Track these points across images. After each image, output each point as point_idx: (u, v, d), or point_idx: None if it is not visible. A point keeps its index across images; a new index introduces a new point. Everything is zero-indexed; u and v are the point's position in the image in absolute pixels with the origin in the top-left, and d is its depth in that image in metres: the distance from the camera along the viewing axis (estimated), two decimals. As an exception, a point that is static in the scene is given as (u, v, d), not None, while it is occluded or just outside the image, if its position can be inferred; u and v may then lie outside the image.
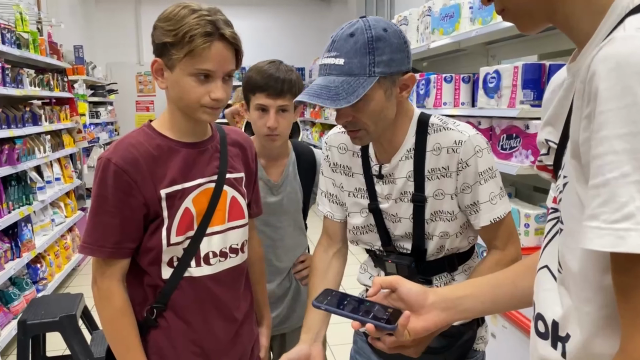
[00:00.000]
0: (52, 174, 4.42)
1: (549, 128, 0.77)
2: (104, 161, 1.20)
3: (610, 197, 0.51)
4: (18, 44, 3.84)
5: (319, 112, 7.63)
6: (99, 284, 1.25)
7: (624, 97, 0.50)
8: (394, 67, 1.14)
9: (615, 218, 0.50)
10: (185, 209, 1.25)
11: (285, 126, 1.66)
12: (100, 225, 1.21)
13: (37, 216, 4.06)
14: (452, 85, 2.96)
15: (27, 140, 3.85)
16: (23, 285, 3.56)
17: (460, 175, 1.22)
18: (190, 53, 1.14)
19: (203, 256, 1.29)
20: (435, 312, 0.89)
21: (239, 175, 1.38)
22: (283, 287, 1.81)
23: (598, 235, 0.52)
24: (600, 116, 0.52)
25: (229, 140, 1.38)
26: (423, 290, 0.91)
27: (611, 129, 0.51)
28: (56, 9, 6.77)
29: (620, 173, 0.50)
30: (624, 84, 0.50)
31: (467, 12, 2.98)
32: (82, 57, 6.64)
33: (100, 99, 7.46)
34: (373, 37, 1.11)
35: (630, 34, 0.53)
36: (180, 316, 1.29)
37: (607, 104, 0.51)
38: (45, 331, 2.50)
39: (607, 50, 0.53)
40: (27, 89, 3.93)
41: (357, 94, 1.09)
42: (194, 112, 1.22)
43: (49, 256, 4.13)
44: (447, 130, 1.23)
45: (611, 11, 0.62)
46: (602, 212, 0.52)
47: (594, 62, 0.54)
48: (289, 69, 1.65)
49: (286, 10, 9.53)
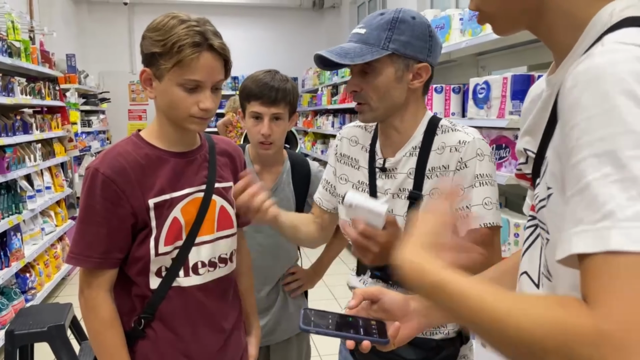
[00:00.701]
0: (43, 183, 4.39)
1: (527, 137, 0.79)
2: (92, 171, 1.19)
3: (592, 198, 0.51)
4: (9, 53, 3.83)
5: (311, 122, 7.65)
6: (85, 294, 1.24)
7: (602, 103, 0.52)
8: (409, 50, 1.20)
9: (597, 217, 0.50)
10: (174, 218, 1.25)
11: (279, 134, 1.68)
12: (87, 235, 1.21)
13: (26, 225, 4.03)
14: (442, 95, 2.99)
15: (18, 149, 3.83)
16: (12, 295, 3.52)
17: (457, 175, 1.22)
18: (178, 63, 1.14)
19: (192, 266, 1.28)
20: (417, 319, 0.91)
21: (228, 185, 1.38)
22: (271, 298, 1.81)
23: (581, 238, 0.50)
24: (581, 123, 0.53)
25: (217, 150, 1.38)
26: (404, 298, 0.92)
27: (591, 133, 0.52)
28: (49, 18, 6.78)
29: (602, 173, 0.50)
30: (602, 91, 0.52)
31: (458, 24, 3.02)
32: (75, 66, 6.64)
33: (93, 108, 7.45)
34: (398, 18, 1.19)
35: (607, 48, 0.55)
36: (168, 326, 1.28)
37: (588, 111, 0.53)
38: (34, 341, 2.47)
39: (586, 63, 0.55)
40: (18, 97, 3.92)
41: (364, 57, 1.17)
42: (183, 122, 1.22)
43: (38, 265, 4.10)
44: (454, 131, 1.25)
45: (591, 26, 0.64)
46: (584, 215, 0.51)
47: (574, 76, 0.56)
48: (284, 79, 1.68)
49: (279, 20, 9.58)
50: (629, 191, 0.48)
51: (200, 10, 7.26)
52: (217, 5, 9.10)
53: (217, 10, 9.17)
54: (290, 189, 1.81)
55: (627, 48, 0.54)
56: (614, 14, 0.62)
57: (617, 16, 0.62)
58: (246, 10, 9.38)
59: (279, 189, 1.79)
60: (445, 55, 3.33)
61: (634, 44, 0.54)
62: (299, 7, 9.46)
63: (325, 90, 6.87)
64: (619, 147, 0.50)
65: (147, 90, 1.23)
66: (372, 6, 7.70)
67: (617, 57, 0.53)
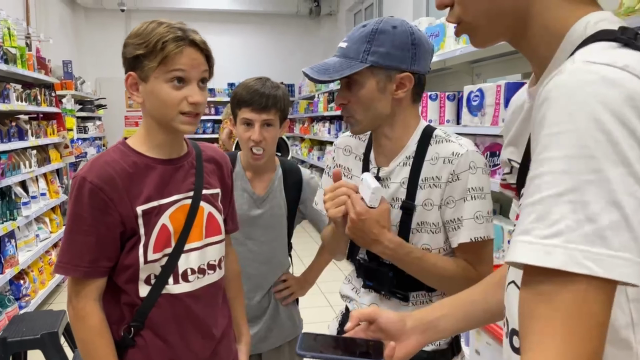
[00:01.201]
0: (38, 189, 4.38)
1: (511, 148, 0.79)
2: (79, 179, 1.19)
3: (544, 214, 0.52)
4: (5, 59, 3.84)
5: (307, 128, 7.66)
6: (74, 303, 1.23)
7: (566, 123, 0.53)
8: (389, 61, 1.19)
9: (546, 234, 0.52)
10: (162, 225, 1.25)
11: (270, 140, 1.69)
12: (75, 244, 1.20)
13: (21, 232, 4.02)
14: (437, 103, 3.00)
15: (13, 155, 3.83)
16: (5, 302, 3.50)
17: (448, 187, 1.22)
18: (164, 60, 1.16)
19: (181, 273, 1.28)
20: (414, 337, 0.91)
21: (215, 191, 1.38)
22: (262, 306, 1.80)
23: (528, 249, 0.53)
24: (544, 139, 0.54)
25: (204, 157, 1.39)
26: (400, 317, 0.93)
27: (552, 151, 0.53)
28: (45, 24, 6.79)
29: (556, 191, 0.52)
30: (568, 111, 0.53)
31: (452, 32, 3.04)
32: (71, 72, 6.65)
33: (89, 114, 7.44)
34: (378, 29, 1.19)
35: (577, 66, 0.56)
36: (158, 334, 1.27)
37: (551, 128, 0.54)
38: (26, 349, 2.46)
39: (556, 81, 0.56)
40: (14, 103, 3.91)
41: (341, 73, 1.18)
42: (173, 121, 1.21)
43: (32, 272, 4.08)
44: (448, 142, 1.25)
45: (567, 39, 0.65)
46: (534, 227, 0.53)
47: (545, 91, 0.57)
48: (275, 85, 1.69)
49: (276, 27, 9.62)
50: (578, 214, 0.50)
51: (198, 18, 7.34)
52: (214, 13, 9.14)
53: (214, 17, 9.20)
54: (282, 196, 1.81)
55: (595, 69, 0.54)
56: (589, 27, 0.63)
57: (591, 28, 0.63)
58: (243, 17, 9.42)
59: (270, 195, 1.79)
60: (440, 63, 3.35)
61: (602, 62, 0.55)
62: (295, 14, 9.50)
63: (322, 97, 6.89)
64: (576, 170, 0.51)
65: (134, 95, 1.23)
66: (368, 13, 7.74)
67: (584, 78, 0.54)
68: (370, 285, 1.33)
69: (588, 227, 0.50)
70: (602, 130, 0.51)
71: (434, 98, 3.01)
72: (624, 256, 0.49)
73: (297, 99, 8.85)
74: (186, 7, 8.94)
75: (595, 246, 0.50)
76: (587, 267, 0.49)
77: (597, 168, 0.51)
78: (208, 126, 9.16)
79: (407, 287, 1.28)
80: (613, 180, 0.50)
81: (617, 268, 0.49)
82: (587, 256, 0.50)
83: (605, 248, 0.50)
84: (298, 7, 9.39)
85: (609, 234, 0.50)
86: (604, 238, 0.50)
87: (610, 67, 0.54)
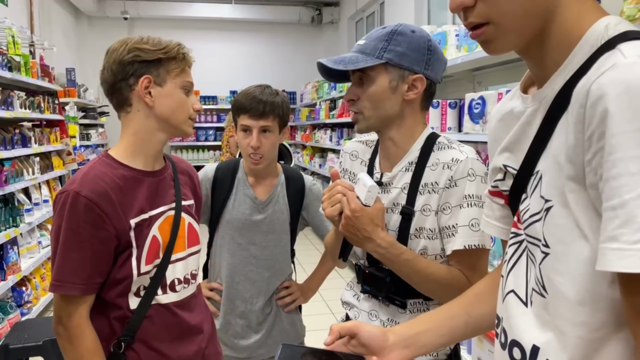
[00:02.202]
0: (41, 196, 4.39)
1: (506, 154, 0.78)
2: (73, 194, 1.16)
3: (630, 218, 0.51)
4: (9, 67, 3.86)
5: (309, 136, 7.68)
6: (65, 322, 1.20)
7: (635, 120, 0.52)
8: (405, 61, 1.21)
9: (635, 239, 0.51)
10: (153, 237, 1.27)
11: (268, 146, 1.70)
12: (71, 262, 1.17)
13: (23, 238, 4.02)
14: (439, 110, 3.01)
15: (16, 162, 3.84)
16: (7, 309, 3.50)
17: (445, 193, 1.22)
18: (184, 68, 1.28)
19: (169, 283, 1.30)
20: (396, 352, 0.90)
21: (191, 202, 1.43)
22: (264, 312, 1.81)
23: (620, 257, 0.52)
24: (612, 138, 0.53)
25: (178, 169, 1.43)
26: (382, 332, 0.91)
27: (624, 151, 0.52)
28: (49, 32, 6.83)
29: (638, 194, 0.51)
30: (635, 107, 0.52)
31: (454, 40, 3.05)
32: (74, 80, 6.68)
33: (92, 121, 7.48)
34: (397, 31, 1.23)
35: (632, 60, 0.55)
36: (150, 345, 1.28)
37: (619, 126, 0.53)
38: (28, 355, 2.46)
39: (613, 74, 0.55)
40: (17, 111, 3.93)
41: (356, 64, 1.20)
42: (182, 123, 1.30)
43: (34, 279, 4.08)
44: (450, 149, 1.26)
45: (584, 41, 0.64)
46: (622, 233, 0.52)
47: (599, 87, 0.55)
48: (274, 93, 1.71)
49: (278, 35, 9.66)
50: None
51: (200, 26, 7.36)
52: (216, 21, 9.19)
53: (216, 25, 9.25)
54: (284, 202, 1.82)
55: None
56: (610, 28, 0.62)
57: (613, 30, 0.62)
58: (245, 25, 9.46)
59: (273, 201, 1.80)
60: (442, 71, 3.36)
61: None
62: (297, 22, 9.54)
63: (324, 105, 6.91)
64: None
65: (147, 98, 1.25)
66: (370, 22, 7.78)
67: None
68: (367, 290, 1.32)
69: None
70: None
71: (436, 105, 3.02)
72: None
73: (298, 106, 8.88)
74: (188, 16, 8.99)
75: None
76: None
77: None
78: (210, 134, 9.18)
79: (405, 294, 1.28)
80: None
81: None
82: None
83: None
84: (300, 15, 9.44)
85: None
86: None
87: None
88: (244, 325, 1.78)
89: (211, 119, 9.10)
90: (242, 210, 1.76)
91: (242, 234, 1.76)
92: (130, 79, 1.25)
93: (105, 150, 1.34)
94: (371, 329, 0.91)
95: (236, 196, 1.78)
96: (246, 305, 1.78)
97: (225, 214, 1.77)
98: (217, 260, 1.81)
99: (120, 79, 1.25)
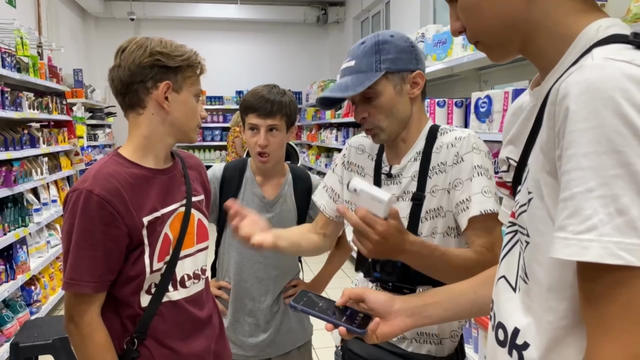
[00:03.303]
0: (49, 196, 4.43)
1: (510, 147, 0.83)
2: (85, 193, 1.16)
3: (576, 210, 0.55)
4: (18, 68, 3.89)
5: (315, 136, 7.69)
6: (77, 320, 1.20)
7: (590, 119, 0.55)
8: (400, 64, 1.27)
9: (580, 229, 0.54)
10: (165, 234, 1.28)
11: (275, 145, 1.72)
12: (85, 260, 1.18)
13: (32, 238, 4.06)
14: (445, 109, 3.01)
15: (25, 163, 3.87)
16: (17, 308, 3.54)
17: (454, 169, 1.26)
18: (198, 76, 1.31)
19: (179, 280, 1.32)
20: (401, 318, 0.96)
21: (201, 198, 1.43)
22: (272, 311, 1.82)
23: (564, 245, 0.56)
24: (569, 135, 0.57)
25: (187, 164, 1.44)
26: (389, 298, 0.97)
27: (578, 147, 0.55)
28: (57, 34, 6.87)
29: (586, 188, 0.54)
30: (592, 107, 0.55)
31: (459, 39, 3.05)
32: (82, 81, 6.72)
33: (99, 122, 7.52)
34: (380, 40, 1.27)
35: (597, 62, 0.58)
36: (162, 342, 1.29)
37: (576, 124, 0.56)
38: (38, 354, 2.49)
39: (578, 75, 0.58)
40: (26, 111, 3.97)
41: (363, 85, 1.23)
42: (191, 131, 1.32)
43: (43, 278, 4.11)
44: (452, 131, 1.32)
45: (577, 41, 0.67)
46: (568, 223, 0.56)
47: (565, 86, 0.59)
48: (281, 92, 1.74)
49: (284, 35, 9.67)
50: (609, 207, 0.53)
51: (206, 26, 7.39)
52: (222, 21, 9.21)
53: (222, 26, 9.28)
54: (292, 201, 1.83)
55: (616, 65, 0.56)
56: (600, 30, 0.65)
57: (603, 32, 0.65)
58: (251, 25, 9.48)
59: (280, 200, 1.81)
60: (448, 70, 3.36)
61: (622, 60, 0.57)
62: (303, 22, 9.55)
63: (329, 105, 6.90)
64: (604, 165, 0.53)
65: (165, 103, 1.26)
66: (375, 22, 7.77)
67: (606, 73, 0.56)
68: (378, 277, 1.33)
69: (619, 219, 0.52)
70: (627, 125, 0.53)
71: (442, 105, 3.02)
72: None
73: (304, 106, 8.89)
74: (194, 16, 9.02)
75: (629, 237, 0.52)
76: (622, 257, 0.52)
77: (625, 162, 0.53)
78: (216, 134, 9.21)
79: (415, 280, 1.29)
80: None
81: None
82: (621, 247, 0.52)
83: (638, 238, 0.52)
84: (305, 15, 9.44)
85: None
86: (636, 229, 0.52)
87: (630, 64, 0.56)
88: (252, 324, 1.80)
89: (217, 119, 9.13)
90: (250, 209, 1.77)
91: None
92: (148, 82, 1.24)
93: (114, 149, 1.34)
94: (378, 295, 0.97)
95: (244, 195, 1.79)
96: (254, 303, 1.79)
97: None
98: (225, 259, 1.82)
99: (138, 80, 1.24)
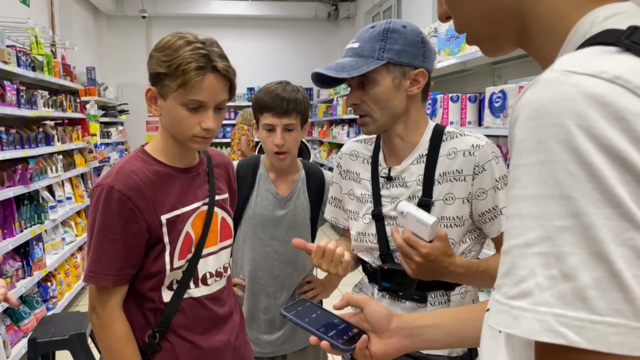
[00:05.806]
0: (64, 194, 4.47)
1: None
2: (107, 188, 1.20)
3: (510, 269, 0.44)
4: (33, 67, 3.93)
5: (326, 132, 7.68)
6: (98, 311, 1.24)
7: (537, 152, 0.43)
8: (404, 58, 1.21)
9: (512, 293, 0.43)
10: (186, 233, 1.29)
11: (292, 143, 1.72)
12: (105, 253, 1.21)
13: (48, 235, 4.10)
14: (458, 104, 2.99)
15: (40, 160, 3.92)
16: (33, 304, 3.58)
17: (477, 179, 1.23)
18: (183, 85, 1.17)
19: (201, 277, 1.33)
20: (397, 338, 0.88)
21: (226, 196, 1.43)
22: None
23: (496, 311, 0.44)
24: (512, 171, 0.45)
25: (214, 162, 1.43)
26: (387, 314, 0.90)
27: (521, 187, 0.44)
28: (69, 32, 6.93)
29: (523, 241, 0.43)
30: (539, 137, 0.43)
31: (473, 33, 3.03)
32: (94, 79, 6.78)
33: (111, 119, 7.57)
34: (389, 28, 1.21)
35: (554, 77, 0.44)
36: (182, 337, 1.31)
37: (520, 158, 0.44)
38: (55, 349, 2.51)
39: (529, 94, 0.45)
40: (41, 110, 4.01)
41: (360, 70, 1.19)
42: (186, 141, 1.26)
43: (59, 275, 4.16)
44: (463, 136, 1.27)
45: (569, 39, 0.53)
46: (503, 283, 0.44)
47: (518, 106, 0.47)
48: (295, 89, 1.72)
49: (295, 31, 9.67)
50: (551, 269, 0.41)
51: (217, 23, 7.40)
52: (233, 18, 9.23)
53: (233, 22, 9.29)
54: (305, 197, 1.84)
55: (574, 81, 0.42)
56: (595, 24, 0.51)
57: (597, 27, 0.50)
58: (262, 22, 9.49)
59: (294, 196, 1.81)
60: (461, 65, 3.33)
61: (585, 73, 0.42)
62: (314, 18, 9.54)
63: (341, 101, 6.90)
64: (548, 214, 0.41)
65: (152, 108, 1.27)
66: (386, 16, 7.73)
67: (560, 92, 0.42)
68: (387, 287, 1.32)
69: (564, 285, 0.40)
70: (580, 162, 0.40)
71: (455, 100, 2.99)
72: (614, 322, 0.39)
73: (315, 102, 8.88)
74: (206, 13, 9.04)
75: (574, 309, 0.39)
76: (562, 335, 0.39)
77: (575, 211, 0.40)
78: (228, 130, 9.24)
79: (425, 287, 1.28)
80: (597, 226, 0.39)
81: (604, 337, 0.38)
82: (562, 322, 0.40)
83: (586, 312, 0.39)
84: (316, 11, 9.43)
85: (592, 294, 0.39)
86: (585, 299, 0.39)
87: (596, 78, 0.42)
88: (267, 321, 1.80)
89: (229, 116, 9.15)
90: (264, 206, 1.77)
91: (265, 229, 1.78)
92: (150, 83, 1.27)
93: (142, 145, 1.35)
94: (377, 308, 0.90)
95: (258, 192, 1.80)
96: (269, 300, 1.79)
97: (247, 210, 1.79)
98: (240, 256, 1.83)
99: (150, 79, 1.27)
